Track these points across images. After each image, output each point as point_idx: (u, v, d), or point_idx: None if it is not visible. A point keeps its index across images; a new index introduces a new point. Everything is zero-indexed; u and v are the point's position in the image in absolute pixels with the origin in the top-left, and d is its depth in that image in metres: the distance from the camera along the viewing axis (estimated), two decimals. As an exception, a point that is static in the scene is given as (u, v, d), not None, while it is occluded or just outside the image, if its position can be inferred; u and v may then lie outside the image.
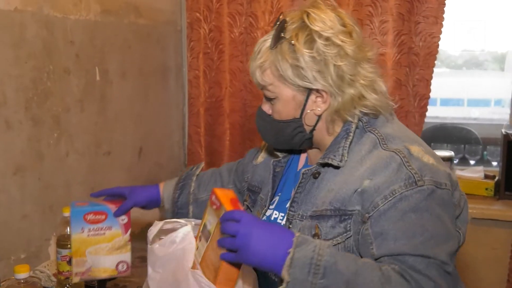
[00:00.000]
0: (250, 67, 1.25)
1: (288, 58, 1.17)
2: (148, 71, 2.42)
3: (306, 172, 1.25)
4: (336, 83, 1.17)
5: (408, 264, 1.04)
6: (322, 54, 1.16)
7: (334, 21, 1.19)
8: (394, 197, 1.09)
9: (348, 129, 1.22)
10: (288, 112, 1.23)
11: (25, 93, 1.71)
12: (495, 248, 2.38)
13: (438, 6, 2.29)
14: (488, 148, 2.70)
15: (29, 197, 1.75)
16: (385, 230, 1.08)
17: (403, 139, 1.19)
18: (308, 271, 1.00)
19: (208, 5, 2.60)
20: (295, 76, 1.18)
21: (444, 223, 1.09)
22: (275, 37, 1.19)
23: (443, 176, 1.14)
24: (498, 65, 3.19)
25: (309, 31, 1.17)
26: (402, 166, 1.11)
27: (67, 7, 1.87)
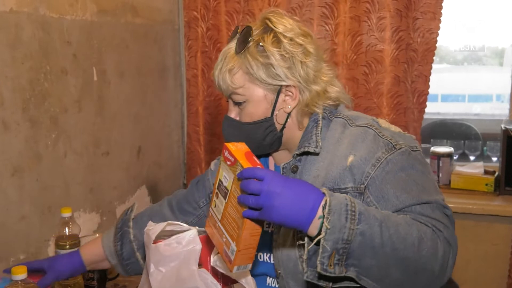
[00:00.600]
0: (215, 76, 1.29)
1: (258, 58, 1.23)
2: (146, 71, 2.42)
3: (285, 166, 1.32)
4: (304, 78, 1.26)
5: (417, 212, 1.11)
6: (290, 52, 1.24)
7: (293, 24, 1.28)
8: (381, 163, 1.18)
9: (315, 119, 1.30)
10: (260, 112, 1.27)
11: (22, 94, 1.71)
12: (495, 244, 2.38)
13: (436, 2, 2.28)
14: (488, 144, 2.69)
15: (28, 198, 1.75)
16: (384, 192, 1.16)
17: (367, 118, 1.31)
18: (346, 218, 0.98)
19: (205, 4, 2.60)
20: (267, 75, 1.24)
21: (428, 177, 1.20)
22: (241, 42, 1.26)
23: (412, 140, 1.25)
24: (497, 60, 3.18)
25: (274, 33, 1.25)
26: (377, 137, 1.22)
27: (63, 7, 1.86)
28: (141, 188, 2.42)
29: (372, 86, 2.38)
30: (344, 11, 2.38)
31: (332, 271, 0.98)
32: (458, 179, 2.48)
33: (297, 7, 2.44)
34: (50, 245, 1.83)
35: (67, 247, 1.58)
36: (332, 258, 0.98)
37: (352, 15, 2.37)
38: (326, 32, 2.42)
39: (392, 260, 0.99)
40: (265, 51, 1.24)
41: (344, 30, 2.39)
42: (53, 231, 1.81)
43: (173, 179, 2.72)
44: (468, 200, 2.39)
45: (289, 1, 2.45)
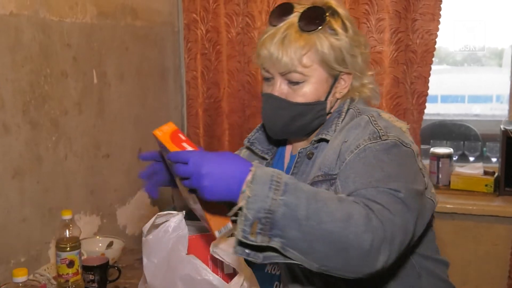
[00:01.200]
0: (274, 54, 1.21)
1: (332, 41, 1.22)
2: (146, 73, 2.43)
3: (301, 151, 1.30)
4: (361, 68, 1.28)
5: (360, 195, 1.07)
6: (355, 40, 1.25)
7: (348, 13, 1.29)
8: (359, 149, 1.16)
9: (340, 110, 1.29)
10: (316, 95, 1.25)
11: (23, 96, 1.71)
12: (495, 244, 2.38)
13: (435, 3, 2.28)
14: (487, 145, 2.69)
15: (28, 200, 1.75)
16: (347, 175, 1.14)
17: (376, 110, 1.28)
18: (269, 187, 0.97)
19: (205, 6, 2.61)
20: (336, 60, 1.23)
21: (404, 169, 1.14)
22: (312, 21, 1.21)
23: (408, 140, 1.20)
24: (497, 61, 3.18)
25: (341, 17, 1.25)
26: (368, 124, 1.20)
27: (63, 10, 1.87)
28: (142, 190, 2.42)
29: (371, 87, 2.38)
30: (343, 13, 2.38)
31: (253, 239, 0.95)
32: (457, 180, 2.48)
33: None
34: (50, 247, 1.83)
35: (68, 249, 1.59)
36: (255, 227, 0.95)
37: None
38: (325, 33, 2.42)
39: (318, 234, 0.96)
40: (337, 35, 1.23)
41: (343, 32, 2.40)
42: (53, 234, 1.82)
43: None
44: (467, 201, 2.40)
45: (288, 3, 2.45)
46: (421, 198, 1.15)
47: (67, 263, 1.59)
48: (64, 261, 1.59)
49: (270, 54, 1.22)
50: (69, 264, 1.59)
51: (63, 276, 1.60)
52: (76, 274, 1.61)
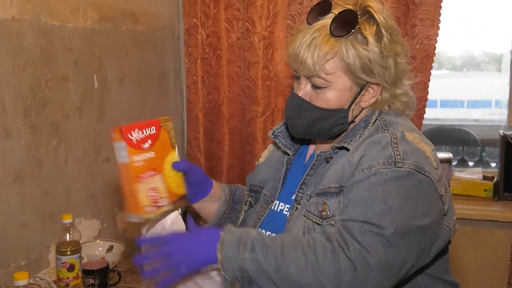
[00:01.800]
0: (300, 54, 1.18)
1: (360, 50, 1.16)
2: (146, 77, 2.43)
3: (320, 154, 1.28)
4: (392, 80, 1.21)
5: (345, 227, 1.08)
6: (389, 50, 1.18)
7: (390, 17, 1.20)
8: (370, 171, 1.13)
9: (367, 120, 1.25)
10: (339, 102, 1.21)
11: (24, 101, 1.72)
12: (495, 249, 2.39)
13: (435, 9, 2.29)
14: (486, 150, 2.70)
15: (29, 204, 1.76)
16: (350, 197, 1.13)
17: (404, 126, 1.22)
18: (238, 248, 1.06)
19: (205, 11, 2.62)
20: (362, 69, 1.17)
21: (410, 203, 1.10)
22: (342, 26, 1.16)
23: (430, 166, 1.15)
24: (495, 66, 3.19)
25: (377, 25, 1.17)
26: (388, 145, 1.15)
27: (64, 15, 1.88)
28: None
29: (371, 92, 2.39)
30: (343, 18, 2.39)
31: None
32: (457, 185, 2.49)
33: (296, 14, 2.46)
34: (51, 251, 1.83)
35: (68, 253, 1.59)
36: (235, 285, 1.07)
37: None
38: (325, 39, 2.43)
39: (288, 284, 1.05)
40: (368, 43, 1.16)
41: (343, 37, 2.41)
42: (54, 237, 1.82)
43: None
44: (467, 205, 2.40)
45: (288, 9, 2.47)
46: (423, 233, 1.12)
47: (67, 267, 1.59)
48: (65, 265, 1.59)
49: (296, 55, 1.20)
50: (69, 268, 1.60)
51: (63, 280, 1.60)
52: (76, 278, 1.61)
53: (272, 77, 2.53)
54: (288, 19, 2.47)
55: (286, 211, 1.31)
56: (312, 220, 1.19)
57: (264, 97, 2.56)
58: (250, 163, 2.63)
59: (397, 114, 1.28)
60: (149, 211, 1.21)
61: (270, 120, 2.57)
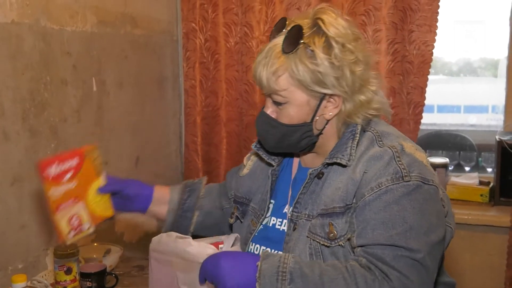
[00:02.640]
0: (257, 73, 1.22)
1: (307, 64, 1.17)
2: (144, 81, 2.44)
3: (312, 172, 1.27)
4: (350, 89, 1.21)
5: (376, 256, 1.09)
6: (340, 60, 1.18)
7: (345, 27, 1.21)
8: (380, 190, 1.14)
9: (353, 130, 1.25)
10: (300, 116, 1.23)
11: (22, 104, 1.72)
12: (491, 254, 2.39)
13: (432, 15, 2.31)
14: (483, 155, 2.71)
15: (27, 207, 1.76)
16: (366, 220, 1.14)
17: (397, 136, 1.25)
18: (276, 279, 1.07)
19: (204, 16, 2.63)
20: (314, 82, 1.18)
21: (426, 216, 1.13)
22: (290, 42, 1.18)
23: (430, 174, 1.19)
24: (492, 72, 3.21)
25: (326, 37, 1.18)
26: (392, 160, 1.16)
27: (63, 19, 1.89)
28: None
29: (368, 97, 2.40)
30: (341, 24, 2.41)
31: None
32: (453, 190, 2.50)
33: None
34: (48, 254, 1.84)
35: (66, 256, 1.60)
36: None
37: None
38: (323, 44, 2.45)
39: None
40: (315, 56, 1.17)
41: (340, 42, 2.42)
42: (52, 240, 1.82)
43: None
44: (463, 210, 2.41)
45: (286, 14, 2.47)
46: (441, 244, 1.17)
47: (65, 270, 1.60)
48: (62, 268, 1.60)
49: (255, 73, 1.23)
50: (67, 271, 1.60)
51: (61, 283, 1.60)
52: (74, 281, 1.62)
53: (270, 81, 2.54)
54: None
55: (279, 225, 1.32)
56: (320, 242, 1.20)
57: (261, 101, 2.57)
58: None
59: (380, 121, 1.30)
60: (72, 237, 1.33)
61: (268, 124, 2.58)
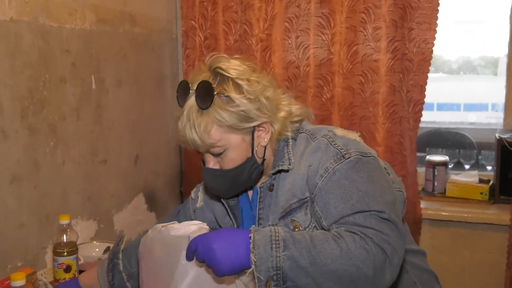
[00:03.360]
0: (187, 137, 1.27)
1: (229, 109, 1.25)
2: (144, 79, 2.44)
3: (262, 185, 1.36)
4: (271, 111, 1.30)
5: (350, 222, 1.16)
6: (252, 93, 1.27)
7: (240, 65, 1.30)
8: (328, 173, 1.23)
9: (286, 139, 1.35)
10: (242, 155, 1.30)
11: (21, 102, 1.72)
12: (491, 252, 2.40)
13: (432, 13, 2.31)
14: (482, 153, 2.71)
15: (26, 206, 1.76)
16: (326, 202, 1.21)
17: (327, 128, 1.36)
18: (271, 247, 1.09)
19: (203, 13, 2.62)
20: (241, 121, 1.26)
21: (376, 182, 1.22)
22: (204, 97, 1.24)
23: (366, 148, 1.29)
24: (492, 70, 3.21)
25: (231, 79, 1.26)
26: (329, 146, 1.27)
27: (62, 17, 1.88)
28: (138, 196, 2.43)
29: (367, 95, 2.40)
30: (340, 21, 2.40)
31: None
32: (453, 188, 2.50)
33: (294, 17, 2.47)
34: (47, 252, 1.84)
35: (65, 254, 1.60)
36: (269, 284, 1.08)
37: (348, 25, 2.39)
38: (322, 42, 2.45)
39: (325, 275, 1.08)
40: (232, 100, 1.25)
41: (340, 40, 2.42)
42: (51, 239, 1.82)
43: (171, 187, 2.73)
44: (463, 208, 2.41)
45: (285, 11, 2.48)
46: (396, 204, 1.23)
47: (64, 268, 1.60)
48: (61, 266, 1.60)
49: (185, 139, 1.28)
50: (66, 269, 1.60)
51: (60, 281, 1.60)
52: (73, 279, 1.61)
53: (269, 79, 2.54)
54: (286, 22, 2.48)
55: None
56: None
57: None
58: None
59: (308, 122, 1.41)
60: None
61: (267, 123, 2.57)
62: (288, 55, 2.50)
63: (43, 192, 1.83)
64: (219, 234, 1.13)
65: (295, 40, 2.48)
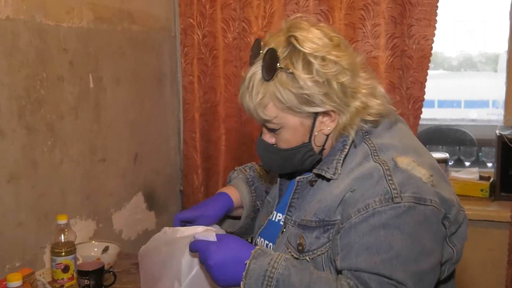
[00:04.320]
0: (244, 105, 1.18)
1: (290, 88, 1.11)
2: (142, 78, 2.43)
3: (301, 180, 1.26)
4: (342, 100, 1.14)
5: (362, 280, 1.05)
6: (323, 75, 1.11)
7: (321, 38, 1.14)
8: (367, 212, 1.07)
9: (345, 141, 1.19)
10: (297, 139, 1.18)
11: (19, 101, 1.71)
12: (491, 250, 2.39)
13: (431, 9, 2.29)
14: (483, 150, 2.70)
15: (24, 205, 1.75)
16: (351, 243, 1.08)
17: (397, 149, 1.16)
18: (262, 282, 1.05)
19: (202, 11, 2.61)
20: (301, 104, 1.13)
21: (417, 241, 1.06)
22: (268, 69, 1.12)
23: (429, 192, 1.10)
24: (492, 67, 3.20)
25: (303, 54, 1.11)
26: (382, 179, 1.09)
27: (59, 15, 1.87)
28: (138, 195, 2.42)
29: (367, 92, 2.39)
30: (339, 18, 2.39)
31: None
32: (453, 185, 2.41)
33: (293, 14, 2.45)
34: (46, 252, 1.83)
35: (63, 254, 1.59)
36: None
37: (347, 22, 2.38)
38: (321, 39, 2.43)
39: None
40: (296, 79, 1.11)
41: (339, 37, 2.41)
42: (49, 238, 1.82)
43: (170, 186, 2.72)
44: (463, 205, 2.35)
45: (284, 9, 2.47)
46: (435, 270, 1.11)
47: (62, 268, 1.59)
48: (59, 266, 1.59)
49: (242, 105, 1.19)
50: (64, 269, 1.59)
51: (58, 281, 1.59)
52: (71, 279, 1.61)
53: (268, 77, 2.53)
54: (285, 19, 2.46)
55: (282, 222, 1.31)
56: (291, 252, 1.19)
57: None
58: (246, 163, 2.62)
59: (386, 128, 1.22)
60: None
61: (267, 120, 2.57)
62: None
63: (41, 192, 1.82)
64: (220, 247, 1.11)
65: (294, 37, 2.47)
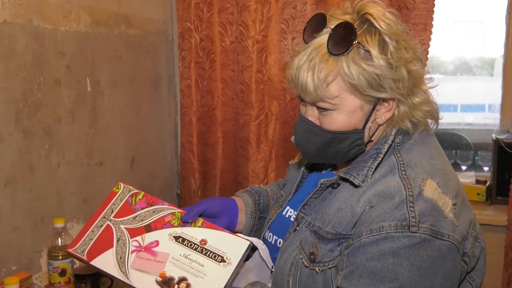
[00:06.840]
0: (300, 80, 1.07)
1: (363, 66, 1.03)
2: (139, 81, 2.43)
3: (324, 182, 1.18)
4: (407, 90, 1.08)
5: None
6: (397, 59, 1.04)
7: (395, 21, 1.07)
8: (380, 234, 1.01)
9: (379, 148, 1.13)
10: (350, 123, 1.09)
11: (15, 105, 1.71)
12: (488, 253, 2.33)
13: (427, 13, 2.30)
14: (479, 153, 2.71)
15: (20, 209, 1.75)
16: (356, 263, 1.03)
17: (425, 169, 1.09)
18: None
19: (199, 15, 2.62)
20: (370, 86, 1.04)
21: (426, 277, 1.00)
22: (341, 42, 1.03)
23: (449, 227, 1.03)
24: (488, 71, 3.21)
25: (379, 34, 1.04)
26: (403, 204, 1.02)
27: (57, 19, 1.87)
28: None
29: (364, 96, 2.40)
30: (336, 22, 2.40)
31: None
32: (450, 189, 2.49)
33: (290, 18, 2.46)
34: (42, 256, 1.82)
35: (60, 257, 1.58)
36: None
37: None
38: (318, 43, 2.44)
39: None
40: (371, 57, 1.03)
41: (336, 41, 2.41)
42: (45, 242, 1.81)
43: (167, 189, 2.72)
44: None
45: (281, 13, 2.47)
46: None
47: (59, 271, 1.58)
48: (56, 269, 1.58)
49: (295, 81, 1.08)
50: (61, 273, 1.59)
51: (55, 285, 1.59)
52: (68, 283, 1.60)
53: (265, 81, 2.54)
54: (282, 23, 2.48)
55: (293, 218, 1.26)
56: (303, 259, 1.14)
57: (257, 101, 2.56)
58: (243, 166, 2.62)
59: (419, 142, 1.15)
60: None
61: (264, 124, 2.57)
62: (285, 56, 2.50)
63: (38, 195, 1.82)
64: None
65: (291, 41, 2.47)
